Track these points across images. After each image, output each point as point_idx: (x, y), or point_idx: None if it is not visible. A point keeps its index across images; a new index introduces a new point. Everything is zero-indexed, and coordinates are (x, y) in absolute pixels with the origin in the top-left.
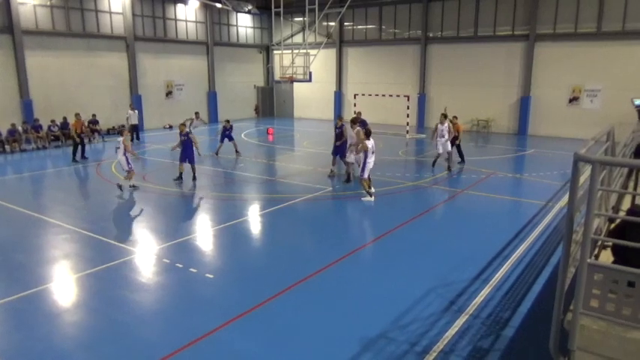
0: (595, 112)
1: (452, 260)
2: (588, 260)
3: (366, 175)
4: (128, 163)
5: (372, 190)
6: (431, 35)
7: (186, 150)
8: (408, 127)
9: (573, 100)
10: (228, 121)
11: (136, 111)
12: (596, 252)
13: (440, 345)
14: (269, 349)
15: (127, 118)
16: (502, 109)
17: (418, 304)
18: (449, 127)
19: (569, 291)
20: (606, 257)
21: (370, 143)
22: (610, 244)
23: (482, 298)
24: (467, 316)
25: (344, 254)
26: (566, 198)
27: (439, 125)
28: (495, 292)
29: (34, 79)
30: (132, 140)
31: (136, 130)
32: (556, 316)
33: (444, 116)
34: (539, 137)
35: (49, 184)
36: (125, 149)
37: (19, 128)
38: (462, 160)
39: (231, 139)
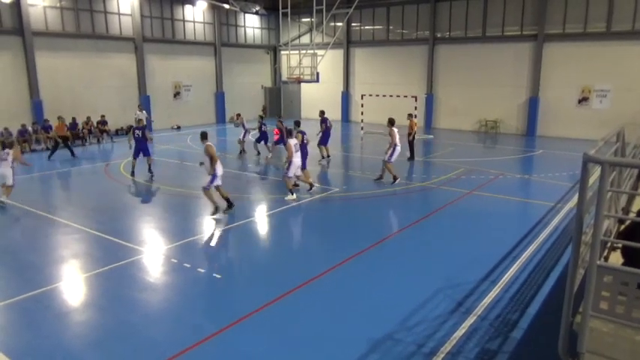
0: (605, 113)
1: (460, 261)
2: (598, 262)
3: (290, 174)
4: (14, 176)
5: (294, 193)
6: (439, 35)
7: (141, 144)
8: (415, 128)
9: (583, 100)
10: (261, 117)
11: (144, 112)
12: (605, 254)
13: (447, 346)
14: (276, 350)
15: (135, 119)
16: (510, 110)
17: (425, 305)
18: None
19: (579, 293)
20: (616, 259)
21: (294, 142)
22: (620, 245)
23: (490, 300)
24: (475, 318)
25: (351, 255)
26: (575, 199)
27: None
28: (504, 294)
29: (44, 79)
30: None
31: None
32: (565, 318)
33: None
34: (548, 138)
35: (58, 185)
36: (14, 160)
37: (30, 129)
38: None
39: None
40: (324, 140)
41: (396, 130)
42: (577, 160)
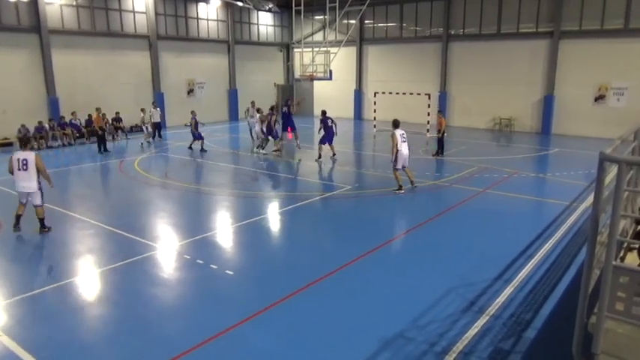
0: (622, 111)
1: (473, 260)
2: (613, 262)
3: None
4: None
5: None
6: (452, 33)
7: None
8: (428, 126)
9: (599, 98)
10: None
11: (158, 109)
12: (621, 254)
13: (459, 346)
14: (287, 346)
15: (150, 117)
16: (525, 108)
17: (438, 304)
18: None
19: (594, 293)
20: (632, 259)
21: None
22: (636, 246)
23: (503, 299)
24: (487, 317)
25: (363, 252)
26: (591, 198)
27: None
28: (517, 293)
29: (60, 77)
30: (153, 138)
31: (158, 128)
32: (580, 318)
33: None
34: (564, 136)
35: (74, 180)
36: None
37: (46, 125)
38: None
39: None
40: (326, 139)
41: (399, 132)
42: (593, 159)
